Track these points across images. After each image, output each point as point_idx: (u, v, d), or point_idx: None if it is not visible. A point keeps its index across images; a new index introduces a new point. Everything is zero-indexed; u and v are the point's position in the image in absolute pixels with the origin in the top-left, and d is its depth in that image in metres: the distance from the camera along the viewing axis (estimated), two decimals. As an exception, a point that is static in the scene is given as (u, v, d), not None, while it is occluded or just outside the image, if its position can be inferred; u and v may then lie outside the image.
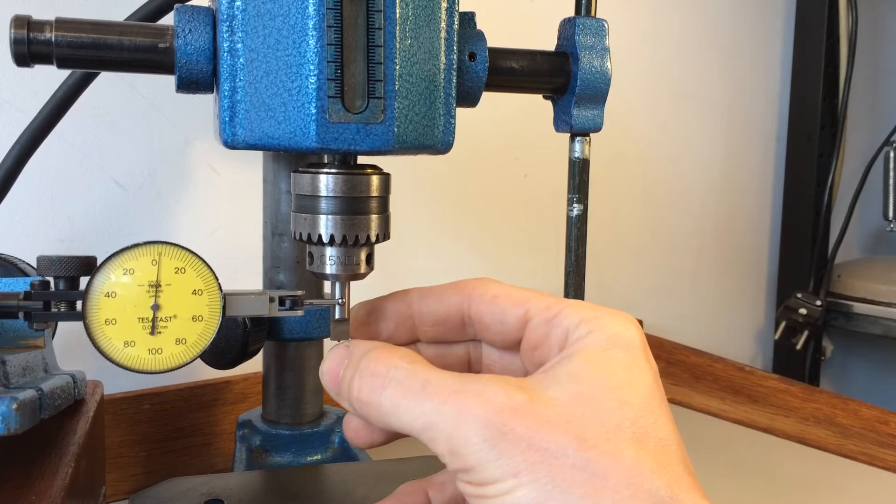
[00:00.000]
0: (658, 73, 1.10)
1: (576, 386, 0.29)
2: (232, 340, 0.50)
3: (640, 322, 1.06)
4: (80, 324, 0.33)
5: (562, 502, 0.26)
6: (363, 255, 0.36)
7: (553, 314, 0.32)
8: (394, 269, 0.86)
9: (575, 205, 0.46)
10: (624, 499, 0.26)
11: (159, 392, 0.68)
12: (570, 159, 0.46)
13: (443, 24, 0.36)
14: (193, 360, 0.34)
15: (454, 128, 0.38)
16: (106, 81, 0.63)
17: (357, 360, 0.31)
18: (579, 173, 0.46)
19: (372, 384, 0.30)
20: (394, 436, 0.35)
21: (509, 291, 0.34)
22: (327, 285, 0.40)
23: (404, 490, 0.36)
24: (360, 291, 0.36)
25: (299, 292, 0.36)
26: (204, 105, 0.70)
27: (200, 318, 0.34)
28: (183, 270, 0.34)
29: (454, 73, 0.37)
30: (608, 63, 0.44)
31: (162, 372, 0.33)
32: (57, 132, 0.49)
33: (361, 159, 0.37)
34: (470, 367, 0.37)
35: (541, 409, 0.28)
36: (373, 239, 0.36)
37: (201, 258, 0.34)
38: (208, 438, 0.70)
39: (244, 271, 0.71)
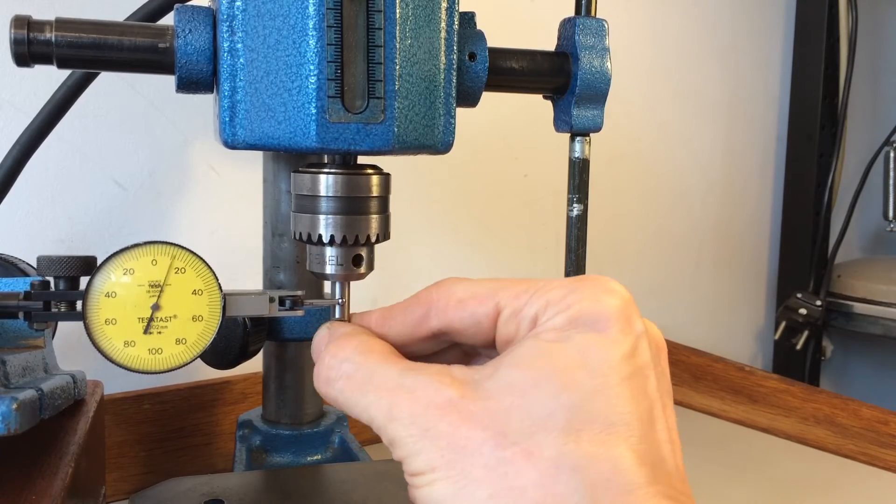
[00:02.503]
0: (658, 73, 1.10)
1: (516, 373, 0.28)
2: (232, 340, 0.50)
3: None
4: (80, 324, 0.33)
5: (468, 501, 0.26)
6: (363, 255, 0.36)
7: (521, 305, 0.30)
8: (394, 269, 0.86)
9: (575, 205, 0.46)
10: (529, 502, 0.26)
11: (159, 392, 0.68)
12: (570, 159, 0.46)
13: (443, 24, 0.36)
14: (193, 360, 0.34)
15: (454, 128, 0.38)
16: (106, 81, 0.63)
17: (325, 347, 0.32)
18: (579, 173, 0.46)
19: (327, 376, 0.31)
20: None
21: (475, 290, 0.32)
22: (327, 285, 0.40)
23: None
24: (361, 291, 0.36)
25: (299, 292, 0.36)
26: (204, 105, 0.70)
27: (200, 318, 0.34)
28: (183, 270, 0.34)
29: (454, 73, 0.37)
30: (608, 63, 0.44)
31: (162, 372, 0.33)
32: (57, 132, 0.49)
33: (361, 159, 0.37)
34: (468, 361, 0.35)
35: (467, 405, 0.28)
36: (373, 239, 0.36)
37: (201, 258, 0.34)
38: (208, 438, 0.70)
39: (244, 271, 0.71)
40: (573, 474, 0.26)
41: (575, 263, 0.46)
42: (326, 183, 0.35)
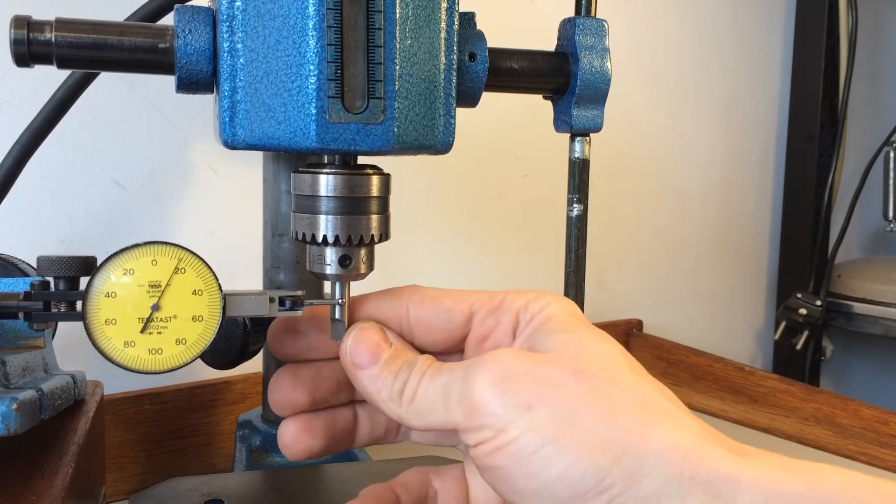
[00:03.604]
0: (658, 73, 1.10)
1: (559, 336, 0.31)
2: (232, 341, 0.50)
3: (640, 322, 1.06)
4: (80, 324, 0.33)
5: (581, 426, 0.27)
6: (363, 256, 0.36)
7: (497, 302, 0.34)
8: (394, 269, 0.86)
9: (575, 205, 0.46)
10: (636, 412, 0.28)
11: (159, 392, 0.68)
12: (570, 159, 0.46)
13: (443, 25, 0.36)
14: (193, 360, 0.34)
15: (454, 128, 0.38)
16: (106, 81, 0.63)
17: (406, 356, 0.33)
18: (579, 173, 0.46)
19: (415, 373, 0.32)
20: (332, 446, 0.37)
21: (448, 292, 0.35)
22: (327, 285, 0.40)
23: (370, 493, 0.36)
24: (361, 292, 0.36)
25: (299, 292, 0.36)
26: (204, 105, 0.70)
27: (200, 319, 0.34)
28: (183, 270, 0.33)
29: (454, 74, 0.37)
30: (608, 63, 0.44)
31: (162, 372, 0.33)
32: (57, 132, 0.49)
33: (361, 159, 0.37)
34: None
35: (536, 356, 0.30)
36: (375, 239, 0.36)
37: (201, 258, 0.34)
38: (208, 438, 0.70)
39: (244, 271, 0.71)
40: (654, 393, 0.29)
41: (575, 263, 0.46)
42: (326, 183, 0.35)
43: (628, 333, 1.03)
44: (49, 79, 0.47)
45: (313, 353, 0.37)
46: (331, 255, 0.35)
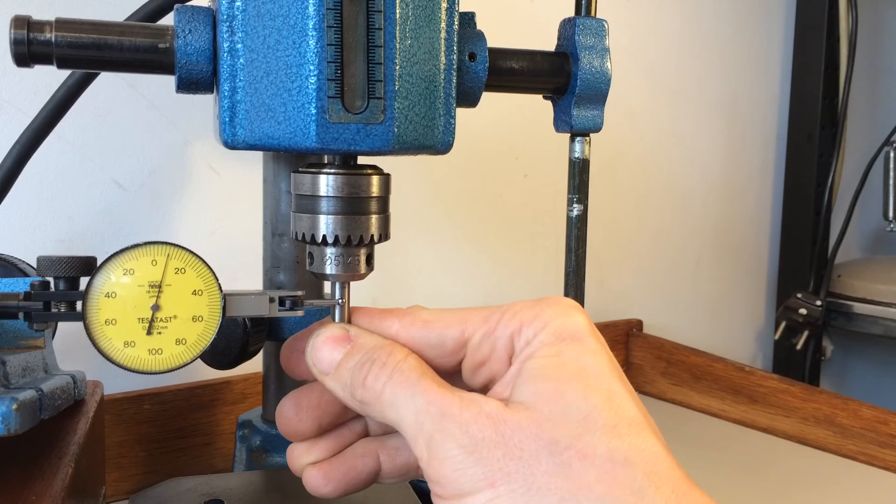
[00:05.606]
0: (658, 73, 1.10)
1: (539, 385, 0.29)
2: (232, 341, 0.50)
3: (640, 322, 1.06)
4: (80, 324, 0.33)
5: None
6: (363, 256, 0.36)
7: (492, 326, 0.32)
8: (394, 269, 0.86)
9: (575, 205, 0.46)
10: (599, 496, 0.27)
11: (159, 392, 0.68)
12: (570, 159, 0.46)
13: (443, 25, 0.36)
14: (193, 360, 0.34)
15: (454, 128, 0.38)
16: (106, 81, 0.63)
17: (369, 349, 0.32)
18: (579, 173, 0.46)
19: (380, 373, 0.31)
20: (354, 489, 0.35)
21: (442, 314, 0.34)
22: (327, 285, 0.40)
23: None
24: (361, 291, 0.36)
25: (299, 292, 0.36)
26: (204, 105, 0.70)
27: (200, 319, 0.34)
28: (183, 271, 0.33)
29: (454, 74, 0.37)
30: (608, 63, 0.44)
31: (162, 372, 0.33)
32: (57, 132, 0.49)
33: (361, 159, 0.37)
34: None
35: (513, 415, 0.29)
36: (375, 239, 0.36)
37: (201, 258, 0.34)
38: (208, 438, 0.70)
39: (244, 271, 0.71)
40: (627, 466, 0.28)
41: (575, 263, 0.46)
42: (326, 183, 0.35)
43: (628, 333, 1.03)
44: (49, 79, 0.47)
45: None
46: (331, 255, 0.35)
